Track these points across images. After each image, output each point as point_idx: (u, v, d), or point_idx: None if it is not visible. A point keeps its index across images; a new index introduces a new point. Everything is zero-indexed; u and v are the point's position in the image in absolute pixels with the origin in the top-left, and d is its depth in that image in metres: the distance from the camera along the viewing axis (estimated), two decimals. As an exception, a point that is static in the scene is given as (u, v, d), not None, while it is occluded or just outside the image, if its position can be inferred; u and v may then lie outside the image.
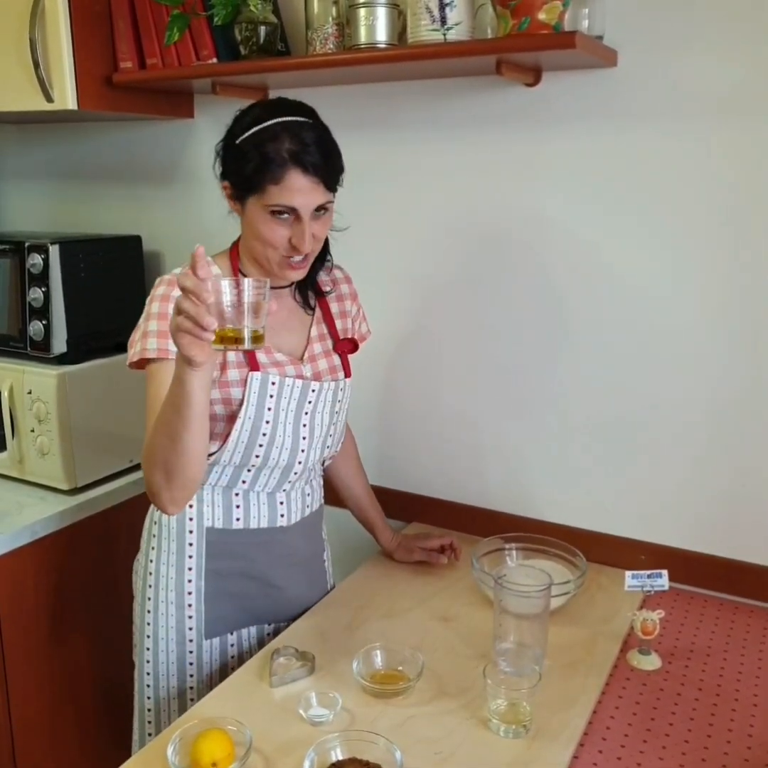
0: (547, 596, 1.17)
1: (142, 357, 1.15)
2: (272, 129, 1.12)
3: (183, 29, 1.54)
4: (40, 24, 1.56)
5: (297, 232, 1.14)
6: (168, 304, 1.16)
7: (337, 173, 1.17)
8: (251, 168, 1.12)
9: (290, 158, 1.10)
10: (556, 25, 1.21)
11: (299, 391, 1.25)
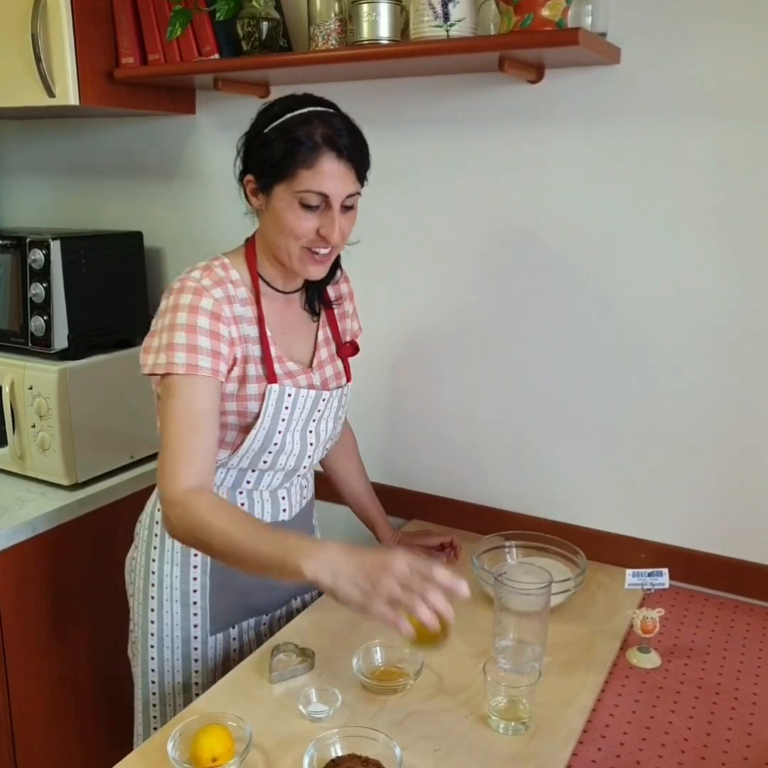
0: (547, 594, 1.17)
1: (169, 372, 1.10)
2: (303, 116, 1.10)
3: (185, 25, 1.54)
4: (42, 19, 1.56)
5: (326, 221, 1.11)
6: (197, 316, 1.11)
7: (366, 164, 1.14)
8: (280, 152, 1.09)
9: (324, 141, 1.08)
10: (560, 21, 1.21)
11: (311, 401, 1.25)
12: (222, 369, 1.14)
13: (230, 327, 1.15)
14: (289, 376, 1.23)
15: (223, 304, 1.15)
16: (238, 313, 1.17)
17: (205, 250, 1.29)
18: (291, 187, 1.10)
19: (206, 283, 1.14)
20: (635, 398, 1.46)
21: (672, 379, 1.42)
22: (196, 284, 1.14)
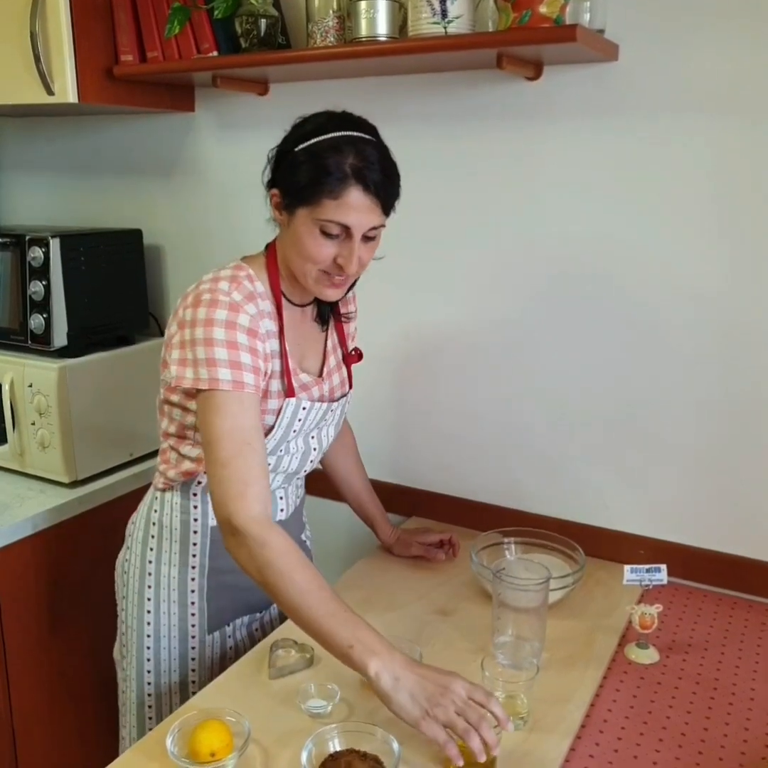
0: (545, 590, 1.17)
1: (214, 387, 1.08)
2: (336, 140, 1.06)
3: (183, 22, 1.54)
4: (41, 17, 1.56)
5: (345, 252, 1.09)
6: (235, 332, 1.09)
7: (395, 197, 1.12)
8: (308, 178, 1.06)
9: (353, 174, 1.05)
10: (558, 18, 1.21)
11: (321, 413, 1.26)
12: (262, 385, 1.14)
13: (264, 343, 1.14)
14: (304, 389, 1.23)
15: (258, 320, 1.14)
16: (267, 328, 1.16)
17: (204, 248, 1.30)
18: (314, 213, 1.07)
19: (238, 298, 1.12)
20: (635, 395, 1.46)
21: (673, 376, 1.42)
22: (228, 299, 1.11)
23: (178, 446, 1.25)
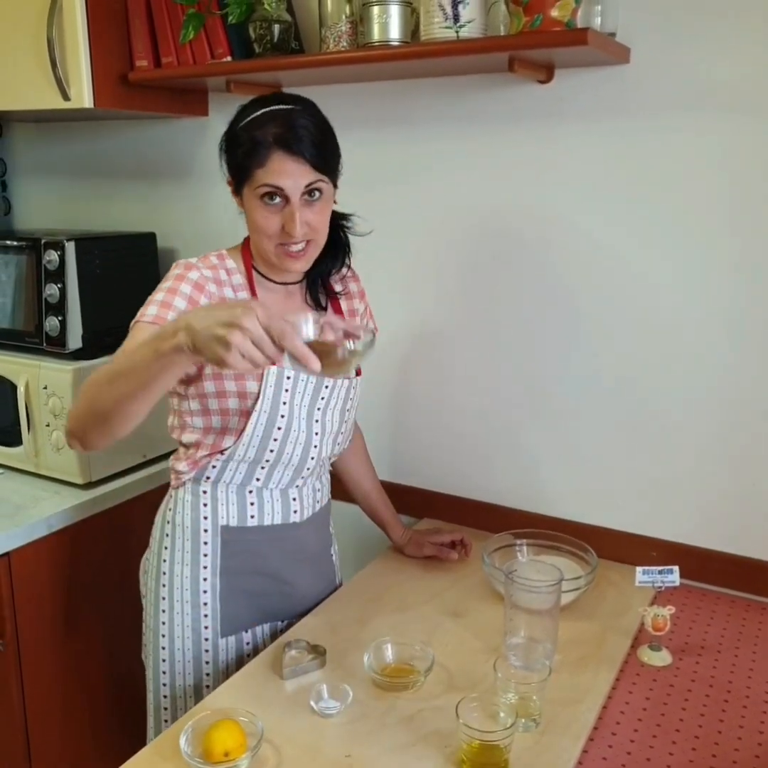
0: (557, 591, 1.17)
1: (138, 320, 1.15)
2: (262, 117, 1.14)
3: (198, 28, 1.55)
4: (58, 23, 1.58)
5: (287, 216, 1.13)
6: (181, 282, 1.18)
7: (328, 154, 1.16)
8: (241, 154, 1.14)
9: (274, 140, 1.11)
10: (569, 22, 1.22)
11: (313, 387, 1.26)
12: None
13: (211, 300, 1.19)
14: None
15: (210, 282, 1.20)
16: (228, 295, 1.21)
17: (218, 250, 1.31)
18: (251, 186, 1.14)
19: (198, 264, 1.21)
20: (646, 397, 1.46)
21: (683, 378, 1.42)
22: (186, 262, 1.22)
23: (181, 437, 1.28)
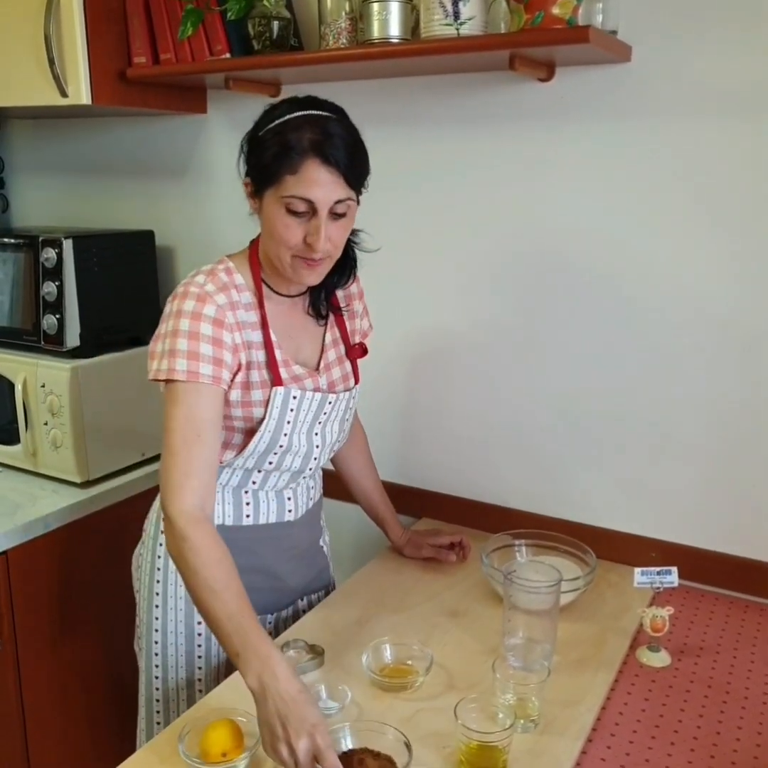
0: (556, 592, 1.17)
1: (170, 378, 1.11)
2: (296, 120, 1.08)
3: (196, 24, 1.54)
4: (55, 20, 1.57)
5: (312, 229, 1.09)
6: (199, 323, 1.12)
7: (360, 171, 1.12)
8: (269, 157, 1.08)
9: (310, 147, 1.06)
10: (570, 19, 1.21)
11: (317, 404, 1.25)
12: (224, 377, 1.14)
13: (233, 333, 1.15)
14: (295, 380, 1.23)
15: (227, 311, 1.15)
16: (242, 318, 1.17)
17: (216, 249, 1.30)
18: (278, 192, 1.09)
19: (210, 289, 1.15)
20: (645, 397, 1.45)
21: (682, 380, 1.41)
22: (199, 290, 1.14)
23: None
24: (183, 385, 1.11)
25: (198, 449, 1.10)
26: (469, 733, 0.96)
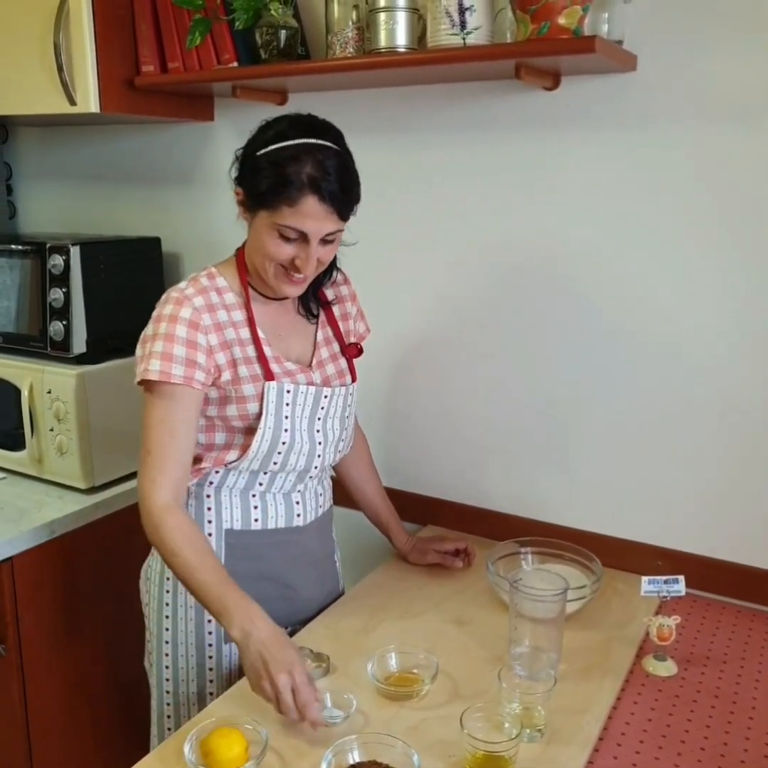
0: (562, 601, 1.17)
1: (144, 378, 1.17)
2: (295, 149, 1.10)
3: (204, 33, 1.56)
4: (64, 28, 1.58)
5: (303, 255, 1.14)
6: (176, 325, 1.17)
7: (352, 203, 1.16)
8: (267, 185, 1.11)
9: (309, 184, 1.09)
10: (576, 29, 1.21)
11: (312, 398, 1.26)
12: (197, 377, 1.17)
13: (208, 335, 1.19)
14: (288, 375, 1.25)
15: (203, 313, 1.19)
16: (222, 319, 1.21)
17: (222, 255, 1.31)
18: (273, 217, 1.12)
19: (189, 293, 1.19)
20: (652, 405, 1.45)
21: (688, 387, 1.41)
22: (179, 294, 1.19)
23: None
24: (157, 386, 1.17)
25: (171, 448, 1.17)
26: (475, 742, 0.96)
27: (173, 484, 1.18)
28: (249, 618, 1.08)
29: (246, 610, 1.09)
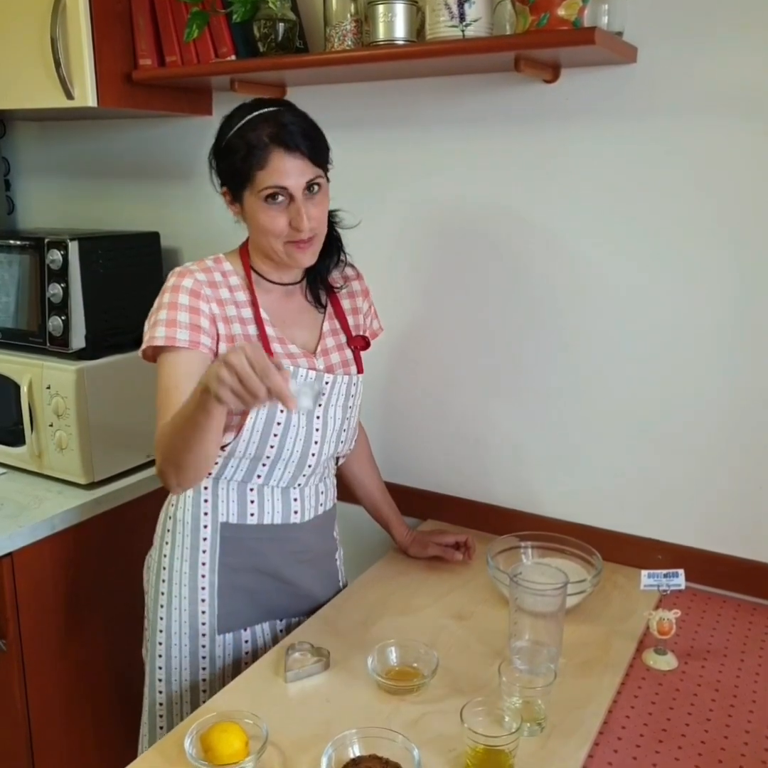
0: (562, 595, 1.16)
1: (150, 345, 1.19)
2: (252, 121, 1.16)
3: (202, 26, 1.55)
4: (61, 22, 1.58)
5: (294, 213, 1.16)
6: (178, 294, 1.20)
7: (321, 148, 1.19)
8: (238, 160, 1.16)
9: (270, 140, 1.14)
10: (576, 21, 1.21)
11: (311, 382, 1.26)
12: (203, 341, 1.20)
13: (210, 304, 1.22)
14: (289, 357, 1.25)
15: (204, 286, 1.22)
16: (224, 296, 1.24)
17: (221, 250, 1.31)
18: (253, 189, 1.16)
19: (192, 268, 1.24)
20: (653, 400, 1.45)
21: (689, 382, 1.41)
22: (182, 269, 1.24)
23: None
24: (164, 352, 1.19)
25: (177, 397, 1.15)
26: (475, 736, 0.96)
27: None
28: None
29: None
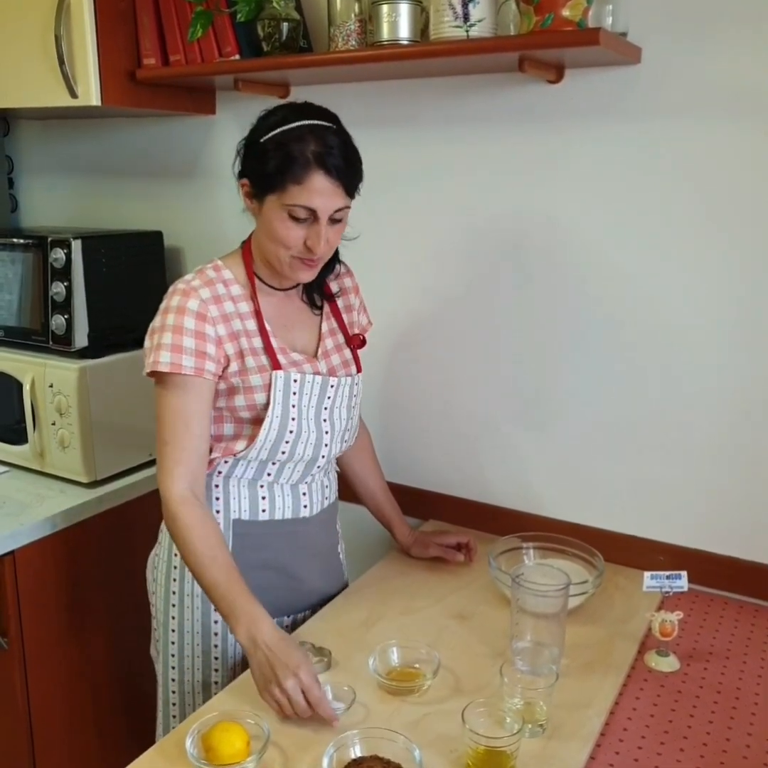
0: (564, 596, 1.16)
1: (154, 370, 1.18)
2: (298, 130, 1.13)
3: (206, 26, 1.55)
4: (65, 21, 1.58)
5: (313, 234, 1.16)
6: (183, 317, 1.18)
7: (357, 180, 1.18)
8: (274, 166, 1.13)
9: (314, 159, 1.12)
10: (580, 21, 1.21)
11: (319, 387, 1.27)
12: (208, 368, 1.19)
13: (216, 326, 1.20)
14: (294, 365, 1.26)
15: (210, 305, 1.20)
16: (228, 310, 1.22)
17: (224, 249, 1.31)
18: (281, 199, 1.14)
19: (195, 284, 1.21)
20: (654, 401, 1.45)
21: (690, 382, 1.41)
22: (185, 286, 1.21)
23: None
24: (168, 377, 1.18)
25: (187, 439, 1.18)
26: (476, 737, 0.96)
27: (190, 474, 1.19)
28: (254, 622, 1.10)
29: (252, 614, 1.11)
